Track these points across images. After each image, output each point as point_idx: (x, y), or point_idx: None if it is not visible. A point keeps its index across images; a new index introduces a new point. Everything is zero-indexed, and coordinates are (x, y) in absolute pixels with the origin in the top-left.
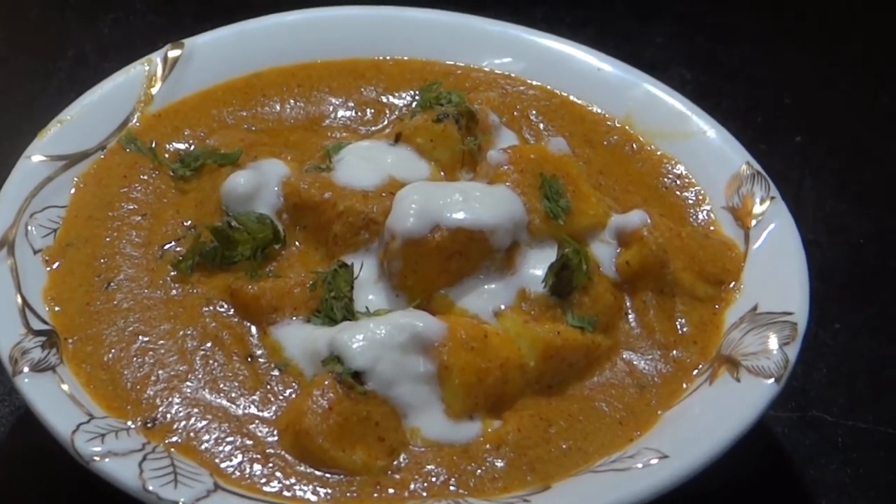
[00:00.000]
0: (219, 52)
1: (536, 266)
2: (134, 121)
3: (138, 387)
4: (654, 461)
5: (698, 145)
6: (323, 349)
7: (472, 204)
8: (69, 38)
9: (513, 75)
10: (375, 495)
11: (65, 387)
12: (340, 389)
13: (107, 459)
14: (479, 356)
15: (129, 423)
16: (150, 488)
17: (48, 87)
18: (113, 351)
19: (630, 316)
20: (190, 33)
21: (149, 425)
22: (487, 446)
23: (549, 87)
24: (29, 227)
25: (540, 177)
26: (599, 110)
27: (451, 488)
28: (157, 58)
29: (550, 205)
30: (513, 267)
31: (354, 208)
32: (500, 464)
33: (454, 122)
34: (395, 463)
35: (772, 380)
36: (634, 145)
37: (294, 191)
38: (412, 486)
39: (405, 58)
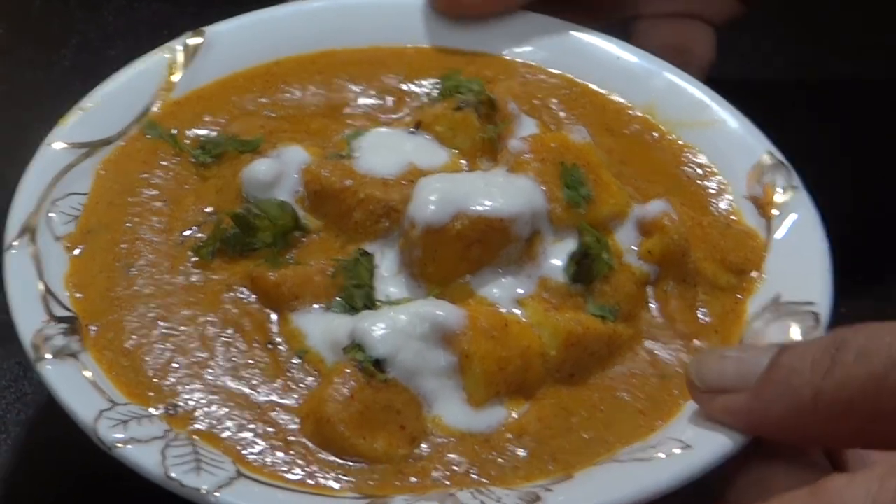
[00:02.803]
0: (239, 39)
1: (558, 255)
2: (155, 108)
3: (160, 373)
4: (677, 451)
5: (719, 134)
6: (343, 337)
7: (493, 192)
8: (72, 26)
9: (533, 64)
10: (397, 483)
11: (87, 373)
12: (362, 377)
13: (129, 446)
14: (499, 344)
15: (152, 409)
16: (173, 475)
17: (52, 76)
18: (134, 337)
19: (652, 305)
20: (195, 21)
21: (171, 412)
22: (509, 435)
23: (569, 75)
24: (50, 214)
25: (560, 165)
26: (621, 99)
27: (473, 477)
28: (177, 45)
29: (571, 193)
30: (534, 256)
31: (375, 196)
32: (521, 453)
33: (474, 111)
34: (416, 451)
35: None
36: (655, 134)
37: (315, 178)
38: (434, 475)
39: (426, 45)
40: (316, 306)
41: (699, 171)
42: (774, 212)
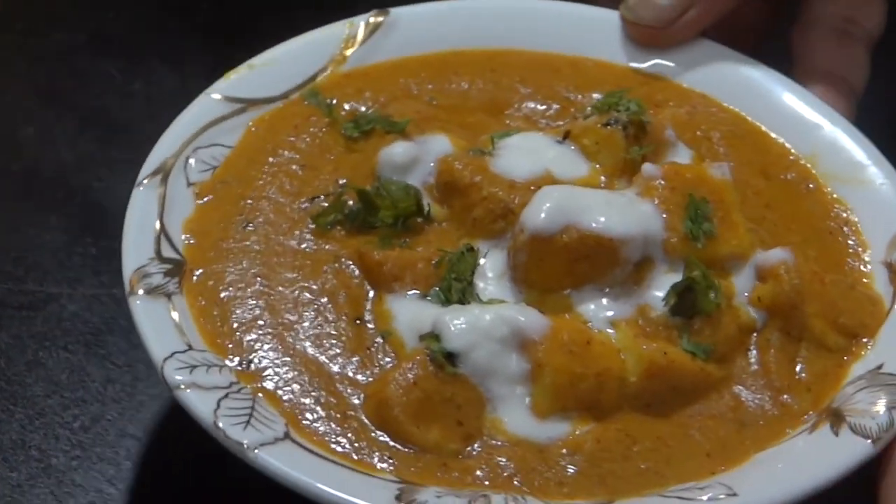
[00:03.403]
0: (420, 25)
1: (665, 286)
2: (322, 78)
3: (244, 328)
4: (722, 496)
5: (873, 195)
6: (428, 326)
7: (611, 212)
8: None
9: (709, 95)
10: (438, 475)
11: (175, 315)
12: (430, 367)
13: (188, 390)
14: (576, 360)
15: (227, 360)
16: (220, 425)
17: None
18: (231, 290)
19: (752, 351)
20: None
21: (243, 366)
22: (564, 451)
23: (742, 112)
24: (190, 160)
25: (689, 197)
26: (787, 144)
27: (515, 483)
28: (360, 21)
29: (692, 226)
30: (641, 282)
31: (497, 195)
32: (571, 470)
33: (622, 129)
34: (467, 449)
35: (869, 441)
36: (812, 185)
37: (447, 169)
38: (477, 474)
39: (605, 60)
40: (413, 292)
41: (844, 228)
42: None
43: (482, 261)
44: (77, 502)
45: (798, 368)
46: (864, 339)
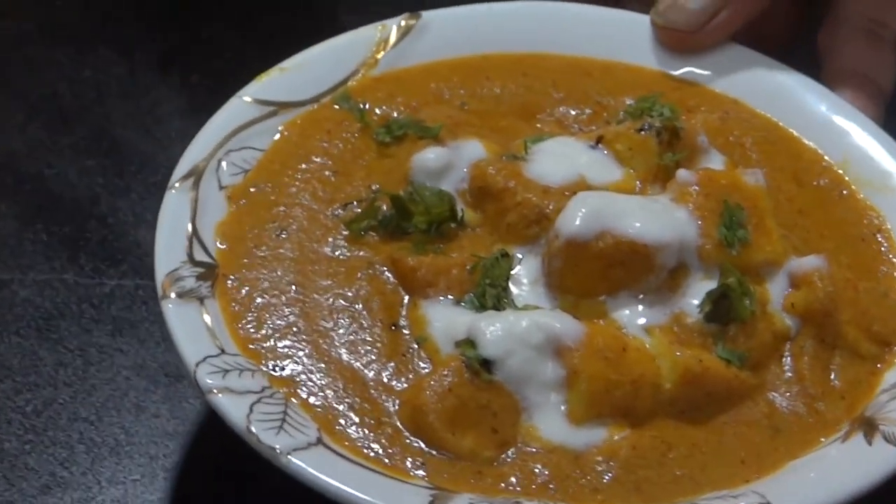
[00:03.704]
0: (452, 28)
1: (701, 292)
2: (353, 82)
3: (278, 334)
4: None
5: None
6: (463, 332)
7: (646, 218)
8: None
9: (741, 101)
10: (472, 481)
11: (207, 318)
12: (465, 373)
13: (221, 395)
14: (611, 367)
15: (260, 365)
16: (253, 429)
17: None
18: (265, 296)
19: (786, 358)
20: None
21: (276, 372)
22: (599, 458)
23: (774, 118)
24: (222, 163)
25: (724, 204)
26: (819, 150)
27: (550, 490)
28: (392, 24)
29: (726, 233)
30: (676, 288)
31: (531, 201)
32: (606, 477)
33: (655, 135)
34: (502, 457)
35: None
36: (844, 191)
37: (481, 174)
38: (511, 481)
39: (638, 65)
40: (447, 297)
41: (877, 235)
42: None
43: (517, 267)
44: (30, 486)
45: (832, 376)
46: None
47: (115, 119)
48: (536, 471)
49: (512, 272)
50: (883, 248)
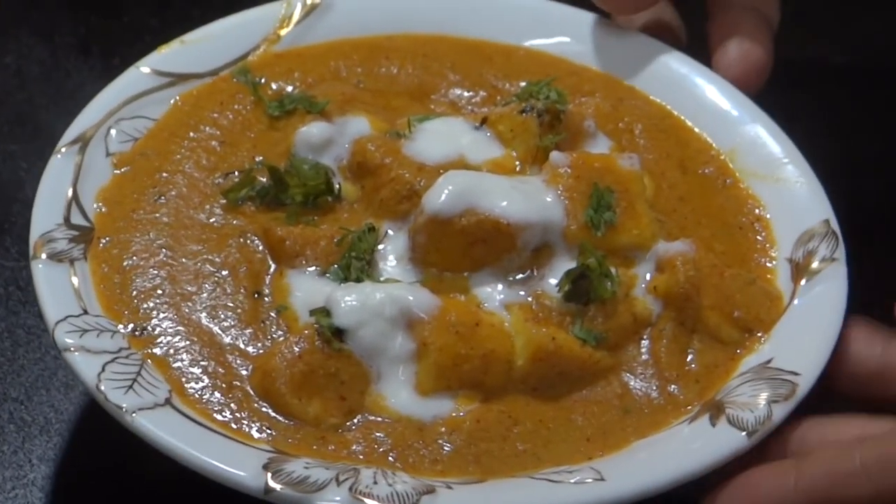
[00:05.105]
0: (357, 8)
1: (562, 272)
2: (253, 56)
3: (143, 296)
4: (589, 480)
5: (787, 193)
6: (322, 302)
7: (513, 197)
8: None
9: (637, 88)
10: (315, 447)
11: (74, 280)
12: (318, 341)
13: (76, 353)
14: (462, 341)
15: (120, 326)
16: (102, 388)
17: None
18: (134, 258)
19: (644, 341)
20: None
21: (136, 333)
22: (443, 429)
23: (668, 106)
24: (111, 131)
25: (594, 186)
26: (709, 138)
27: (390, 459)
28: (297, 2)
29: (593, 215)
30: (540, 268)
31: (403, 177)
32: (447, 448)
33: (537, 117)
34: (347, 424)
35: (744, 433)
36: (729, 180)
37: (361, 150)
38: (353, 448)
39: (538, 50)
40: (314, 268)
41: (755, 224)
42: (804, 280)
43: (387, 241)
44: None
45: (689, 359)
46: (759, 334)
47: (37, 103)
48: (379, 439)
49: (381, 246)
50: (759, 238)
